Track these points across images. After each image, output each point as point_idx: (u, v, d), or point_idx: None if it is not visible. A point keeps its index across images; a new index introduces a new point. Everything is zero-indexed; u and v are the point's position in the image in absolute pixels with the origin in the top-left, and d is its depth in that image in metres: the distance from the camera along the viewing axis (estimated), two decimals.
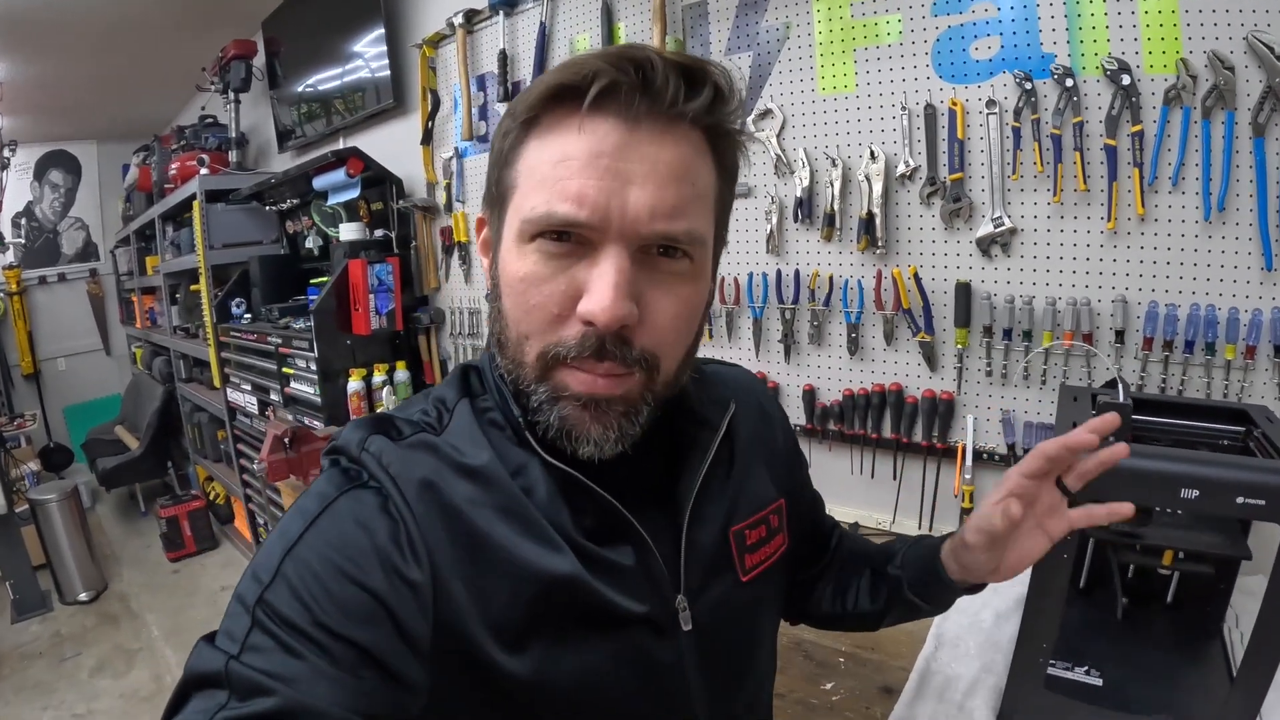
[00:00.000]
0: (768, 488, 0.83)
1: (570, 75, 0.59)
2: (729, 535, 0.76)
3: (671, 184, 0.60)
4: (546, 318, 0.62)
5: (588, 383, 0.62)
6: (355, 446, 0.67)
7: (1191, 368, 1.47)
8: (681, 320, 0.65)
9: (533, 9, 2.48)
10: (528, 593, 0.63)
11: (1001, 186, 1.61)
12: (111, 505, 5.64)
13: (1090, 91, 1.50)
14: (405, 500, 0.63)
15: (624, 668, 0.68)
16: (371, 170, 3.10)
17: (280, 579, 0.58)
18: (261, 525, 4.00)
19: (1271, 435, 1.04)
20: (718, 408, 0.79)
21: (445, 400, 0.72)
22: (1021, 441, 1.66)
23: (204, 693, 0.54)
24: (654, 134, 0.60)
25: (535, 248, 0.61)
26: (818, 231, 1.88)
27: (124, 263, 5.87)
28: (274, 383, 3.36)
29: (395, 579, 0.59)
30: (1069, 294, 1.57)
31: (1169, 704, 1.06)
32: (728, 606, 0.76)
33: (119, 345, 6.78)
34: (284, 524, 0.62)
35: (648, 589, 0.69)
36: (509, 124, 0.65)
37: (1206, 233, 1.43)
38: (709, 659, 0.74)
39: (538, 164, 0.62)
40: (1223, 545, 1.07)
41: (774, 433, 0.90)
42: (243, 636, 0.55)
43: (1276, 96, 1.32)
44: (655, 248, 0.61)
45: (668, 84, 0.58)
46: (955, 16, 1.63)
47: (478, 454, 0.66)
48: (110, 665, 3.45)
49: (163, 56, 4.35)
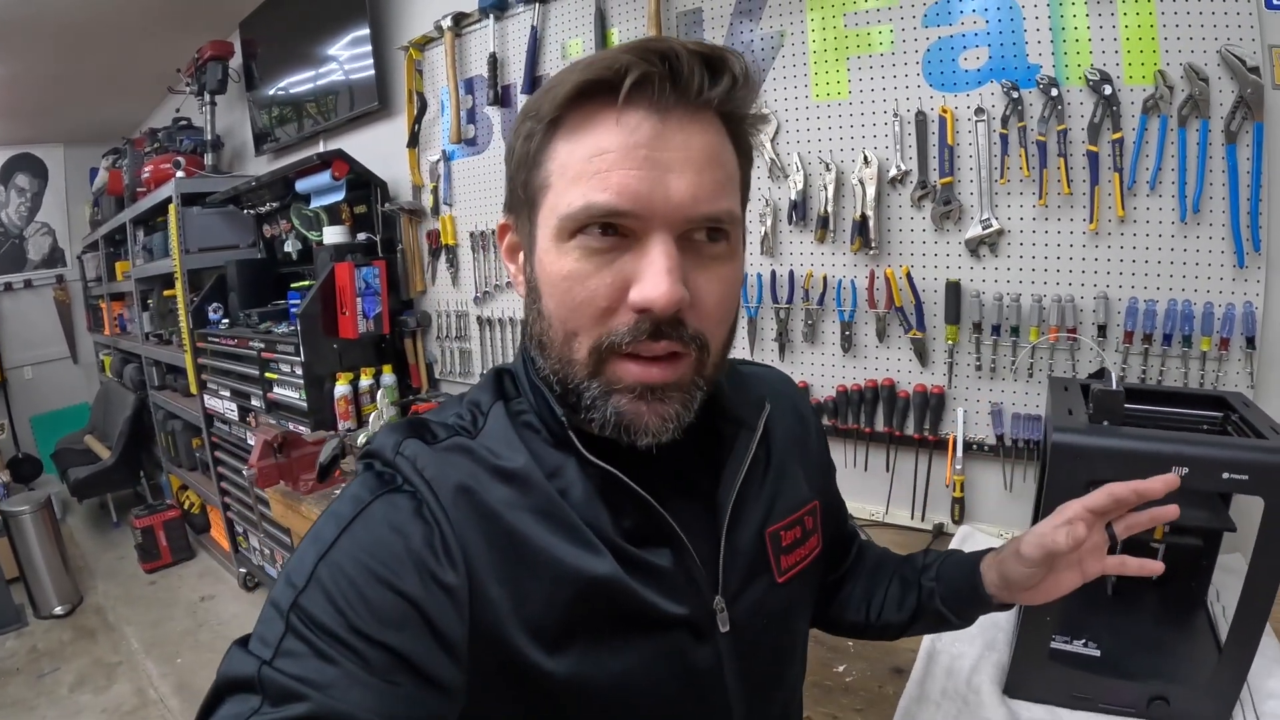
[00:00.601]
0: (803, 489, 0.83)
1: (600, 71, 0.59)
2: (765, 536, 0.76)
3: (707, 169, 0.61)
4: (595, 312, 0.61)
5: (642, 372, 0.62)
6: (390, 450, 0.67)
7: (1170, 359, 1.54)
8: (727, 301, 0.66)
9: (524, 13, 2.50)
10: (566, 594, 0.63)
11: (990, 190, 1.68)
12: (82, 517, 5.51)
13: (1073, 100, 1.57)
14: (440, 504, 0.63)
15: (662, 670, 0.68)
16: (355, 173, 3.08)
17: (314, 584, 0.57)
18: (240, 534, 3.95)
19: (1248, 418, 1.10)
20: (754, 408, 0.79)
21: (480, 404, 0.73)
22: (1010, 432, 1.73)
23: (237, 697, 0.53)
24: (684, 122, 0.61)
25: (576, 244, 0.61)
26: (812, 233, 1.93)
27: (92, 268, 5.76)
28: (256, 388, 3.33)
29: (430, 583, 0.59)
30: (1054, 291, 1.64)
31: (1162, 671, 1.12)
32: (764, 608, 0.76)
33: (86, 353, 6.63)
34: (318, 528, 0.62)
35: (687, 591, 0.69)
36: (531, 125, 0.65)
37: (1182, 233, 1.51)
38: (746, 661, 0.74)
39: (570, 161, 0.62)
40: (1208, 519, 1.14)
41: (808, 434, 0.90)
42: (276, 641, 0.55)
43: (1248, 106, 1.40)
44: (697, 232, 0.62)
45: (694, 74, 0.59)
46: (945, 28, 1.70)
47: (514, 456, 0.66)
48: (90, 680, 3.39)
49: (135, 58, 4.29)
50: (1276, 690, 1.13)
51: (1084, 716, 1.14)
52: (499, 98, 2.62)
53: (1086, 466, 1.02)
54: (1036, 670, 1.16)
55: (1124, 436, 1.03)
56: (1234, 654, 1.05)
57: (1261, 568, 0.99)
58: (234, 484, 3.82)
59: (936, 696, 1.22)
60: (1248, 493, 0.97)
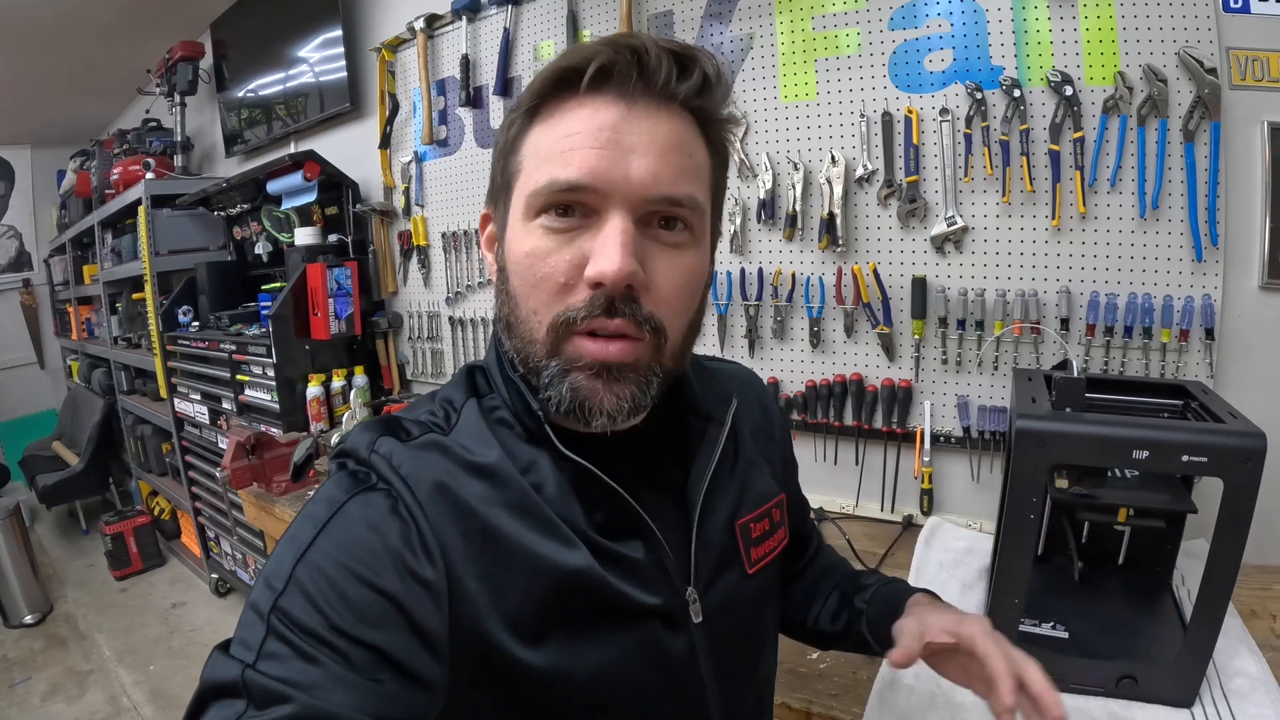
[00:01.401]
0: (769, 482, 0.85)
1: (570, 60, 0.62)
2: (735, 528, 0.78)
3: (670, 153, 0.63)
4: (554, 288, 0.63)
5: (598, 350, 0.63)
6: (364, 448, 0.67)
7: (1131, 350, 1.58)
8: (685, 290, 0.66)
9: (496, 14, 2.51)
10: (543, 587, 0.63)
11: (954, 188, 1.71)
12: (51, 524, 5.42)
13: (1036, 101, 1.61)
14: (417, 500, 0.63)
15: (638, 660, 0.69)
16: (327, 174, 3.07)
17: (294, 585, 0.57)
18: (212, 539, 3.91)
19: (1208, 404, 1.13)
20: (721, 402, 0.80)
21: (452, 401, 0.73)
22: (976, 424, 1.76)
23: (221, 702, 0.53)
24: (650, 110, 0.63)
25: (540, 223, 0.63)
26: (780, 231, 1.95)
27: (59, 272, 5.67)
28: (227, 391, 3.30)
29: (409, 579, 0.60)
30: (1017, 286, 1.68)
31: (1130, 652, 1.15)
32: (736, 599, 0.77)
33: (53, 358, 6.50)
34: (294, 530, 0.62)
35: (660, 581, 0.70)
36: (512, 116, 0.68)
37: (1142, 229, 1.54)
38: (720, 651, 0.75)
39: (542, 144, 0.64)
40: (1170, 502, 1.16)
41: (773, 429, 0.92)
42: (258, 644, 0.55)
43: (1205, 106, 1.44)
44: (656, 219, 0.64)
45: (660, 66, 0.62)
46: (910, 31, 1.72)
47: (487, 452, 0.67)
48: (62, 689, 3.32)
49: (104, 58, 4.24)
50: (1243, 668, 1.16)
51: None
52: (471, 99, 2.62)
53: (1049, 452, 1.05)
54: None
55: (1085, 421, 1.05)
56: (1199, 633, 1.07)
57: (1222, 547, 1.01)
58: (205, 489, 3.78)
59: (910, 681, 1.23)
60: (1207, 474, 1.00)
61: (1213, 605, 1.05)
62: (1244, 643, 1.23)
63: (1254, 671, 1.16)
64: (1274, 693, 1.11)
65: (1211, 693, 1.12)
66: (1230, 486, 0.99)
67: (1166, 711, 1.11)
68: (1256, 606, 1.37)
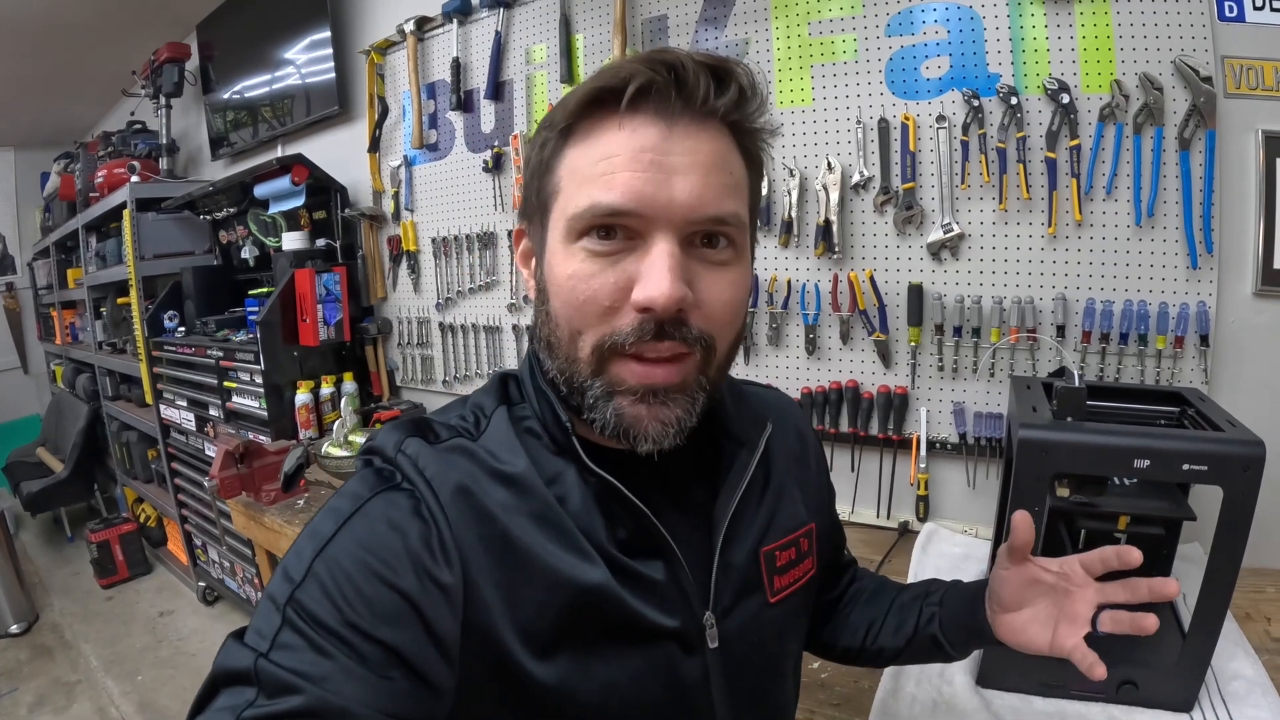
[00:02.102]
0: (800, 510, 0.83)
1: (607, 80, 0.61)
2: (760, 555, 0.77)
3: (713, 173, 0.63)
4: (598, 310, 0.62)
5: (644, 374, 0.63)
6: (391, 448, 0.67)
7: (1126, 357, 1.59)
8: (733, 304, 0.66)
9: (487, 18, 2.49)
10: (558, 601, 0.63)
11: (951, 195, 1.71)
12: (36, 531, 5.34)
13: (1032, 109, 1.61)
14: (439, 503, 0.63)
15: (650, 681, 0.68)
16: (315, 178, 3.03)
17: (311, 578, 0.58)
18: (199, 547, 3.86)
19: (1204, 412, 1.14)
20: (755, 428, 0.80)
21: (483, 407, 0.73)
22: (972, 431, 1.76)
23: (232, 689, 0.54)
24: (690, 129, 0.62)
25: (582, 245, 0.63)
26: (776, 238, 1.95)
27: (43, 276, 5.60)
28: (214, 397, 3.27)
29: (426, 581, 0.60)
30: (1014, 293, 1.68)
31: (1130, 657, 1.15)
32: (755, 626, 0.76)
33: (37, 363, 6.42)
34: (316, 523, 0.63)
35: (677, 603, 0.69)
36: (546, 134, 0.67)
37: (1138, 236, 1.55)
38: (734, 678, 0.74)
39: (580, 165, 0.64)
40: (1169, 509, 1.17)
41: (808, 456, 0.91)
42: (273, 634, 0.55)
43: (1200, 114, 1.45)
44: (699, 237, 0.63)
45: (699, 83, 0.61)
46: (907, 38, 1.72)
47: (514, 461, 0.67)
48: (49, 700, 3.27)
49: (89, 59, 4.20)
50: (1240, 671, 1.17)
51: (1056, 703, 1.17)
52: (461, 103, 2.60)
53: (1051, 460, 1.05)
54: (1008, 660, 1.18)
55: (1087, 431, 1.05)
56: (1198, 638, 1.08)
57: (1221, 553, 1.02)
58: (192, 496, 3.74)
59: (911, 689, 1.23)
60: (1207, 483, 1.01)
61: (1212, 611, 1.06)
62: (1240, 645, 1.24)
63: (1250, 674, 1.17)
64: (1270, 695, 1.13)
65: (1210, 696, 1.14)
66: (1229, 494, 0.99)
67: (1166, 716, 1.12)
68: (1251, 609, 1.38)
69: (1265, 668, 1.19)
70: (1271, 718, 1.08)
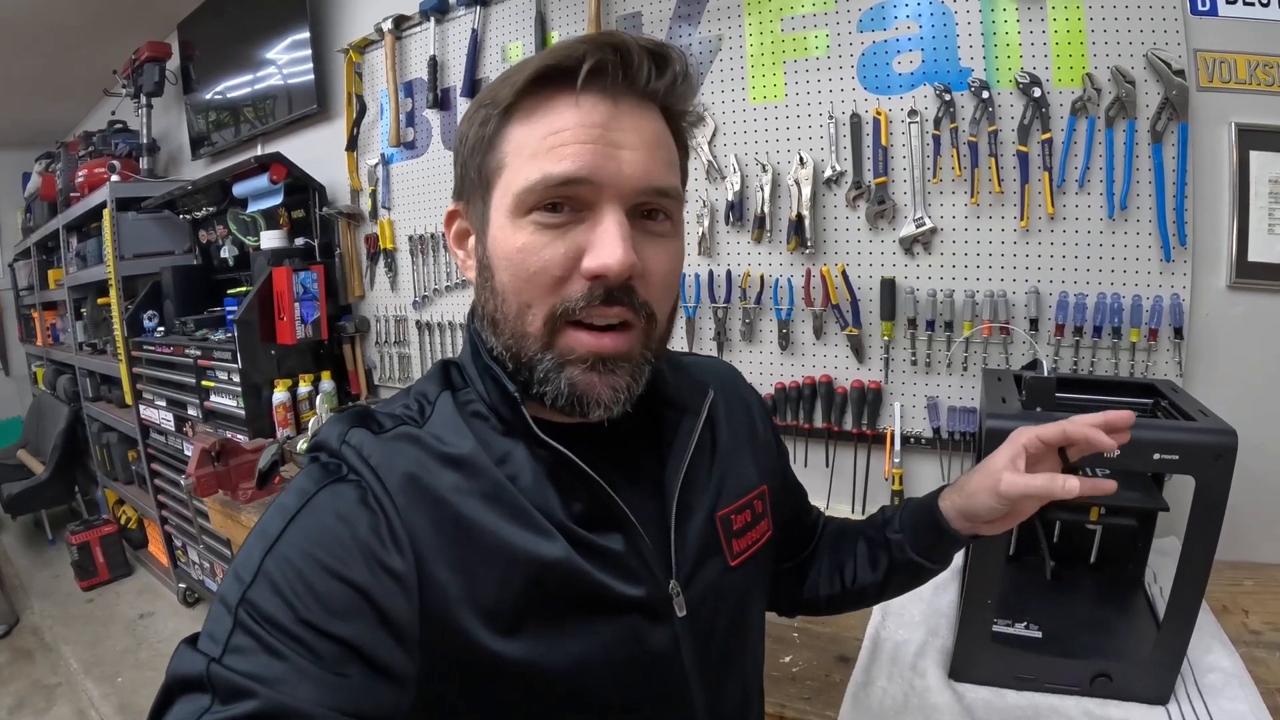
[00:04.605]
0: (751, 473, 0.85)
1: (559, 58, 0.62)
2: (716, 520, 0.78)
3: (656, 149, 0.66)
4: (549, 281, 0.64)
5: (594, 342, 0.64)
6: (335, 440, 0.67)
7: (1100, 350, 1.59)
8: (671, 276, 0.69)
9: (464, 16, 2.48)
10: (518, 578, 0.63)
11: (923, 189, 1.71)
12: (16, 534, 5.28)
13: (1004, 103, 1.61)
14: (387, 491, 0.63)
15: (620, 653, 0.68)
16: (294, 177, 3.02)
17: (262, 577, 0.57)
18: (179, 548, 3.83)
19: (1178, 403, 1.14)
20: (697, 395, 0.81)
21: (426, 394, 0.73)
22: (946, 425, 1.76)
23: (187, 696, 0.53)
24: (633, 109, 0.65)
25: (530, 220, 0.64)
26: (748, 233, 1.94)
27: (24, 277, 5.56)
28: (193, 397, 3.24)
29: (377, 569, 0.59)
30: (986, 287, 1.67)
31: (1104, 650, 1.15)
32: (719, 592, 0.77)
33: (18, 365, 6.37)
34: (264, 522, 0.62)
35: (641, 574, 0.70)
36: (487, 112, 0.67)
37: (1110, 229, 1.55)
38: (704, 644, 0.75)
39: (527, 141, 0.64)
40: (1142, 500, 1.17)
41: (754, 419, 0.92)
42: (225, 638, 0.55)
43: (1173, 107, 1.45)
44: (641, 211, 0.65)
45: (643, 66, 0.64)
46: (879, 33, 1.72)
47: (460, 443, 0.67)
48: (29, 703, 3.23)
49: (70, 59, 4.16)
50: (1216, 664, 1.17)
51: (1029, 696, 1.16)
52: (439, 101, 2.59)
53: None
54: (980, 653, 1.18)
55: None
56: (1173, 629, 1.08)
57: (1195, 543, 1.02)
58: (172, 497, 3.71)
59: (883, 682, 1.23)
60: (1179, 472, 1.01)
61: (1186, 602, 1.06)
62: (1216, 638, 1.24)
63: (1227, 666, 1.17)
64: (1248, 686, 1.12)
65: (1186, 689, 1.13)
66: (1202, 483, 0.99)
67: (1142, 709, 1.12)
68: (1228, 602, 1.38)
69: (1243, 660, 1.18)
70: (1249, 709, 1.08)
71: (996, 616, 1.19)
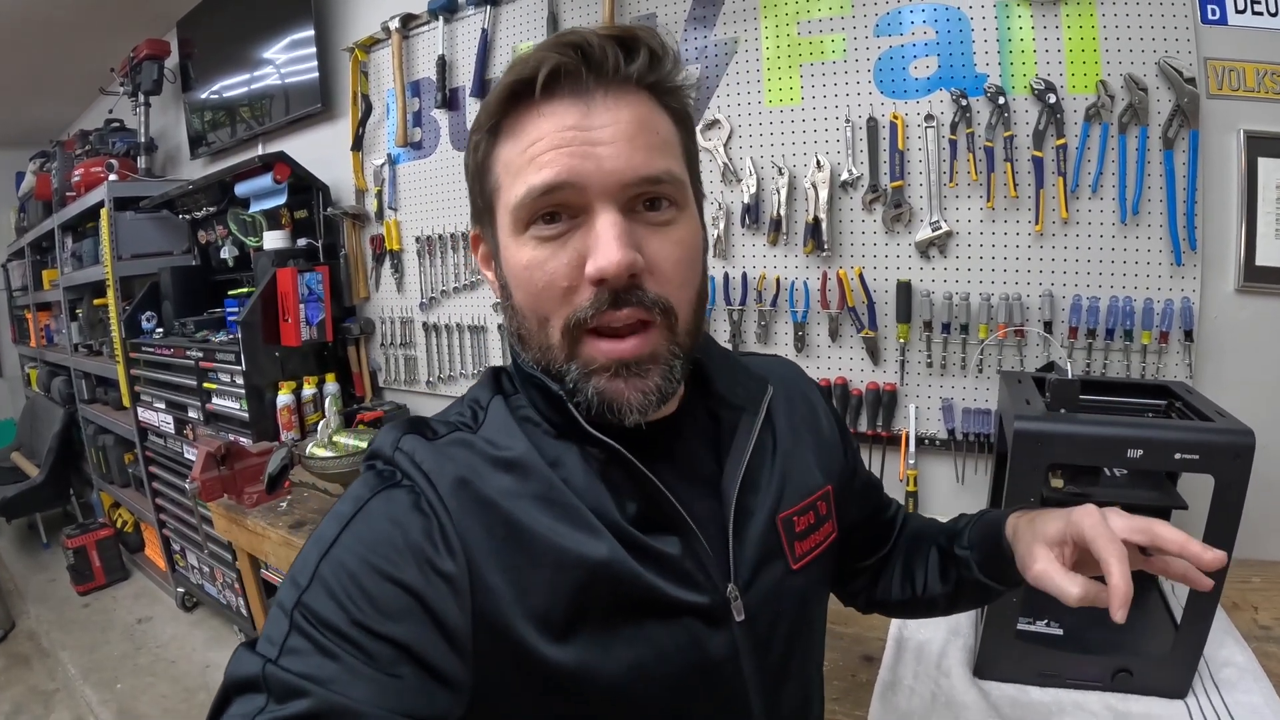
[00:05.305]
0: (814, 474, 0.82)
1: (519, 72, 0.63)
2: (777, 523, 0.76)
3: (638, 136, 0.63)
4: (558, 292, 0.63)
5: (611, 349, 0.64)
6: (389, 447, 0.68)
7: (1112, 352, 1.62)
8: (685, 262, 0.67)
9: (474, 15, 2.48)
10: (569, 581, 0.63)
11: (939, 194, 1.73)
12: (11, 538, 5.23)
13: (1019, 109, 1.63)
14: (439, 495, 0.63)
15: (676, 658, 0.67)
16: (297, 176, 3.00)
17: (317, 581, 0.59)
18: (177, 552, 3.80)
19: (1192, 403, 1.16)
20: (755, 393, 0.80)
21: (479, 400, 0.74)
22: (961, 427, 1.78)
23: (244, 697, 0.55)
24: (608, 102, 0.63)
25: (530, 235, 0.64)
26: (764, 236, 1.96)
27: (17, 277, 5.50)
28: (194, 399, 3.22)
29: (430, 573, 0.60)
30: (1001, 290, 1.70)
31: (1123, 646, 1.17)
32: (780, 596, 0.75)
33: (11, 366, 6.32)
34: (320, 529, 0.64)
35: (698, 578, 0.68)
36: (477, 138, 0.68)
37: (1123, 234, 1.57)
38: (764, 650, 0.73)
39: (511, 158, 0.65)
40: (1160, 498, 1.19)
41: (818, 418, 0.89)
42: (281, 640, 0.56)
43: (1184, 114, 1.48)
44: (640, 202, 0.64)
45: (606, 55, 0.62)
46: (895, 38, 1.74)
47: (513, 445, 0.67)
48: (27, 709, 3.20)
49: (66, 56, 4.13)
50: (1230, 658, 1.20)
51: (1052, 693, 1.18)
52: (447, 101, 2.59)
53: (1046, 452, 1.07)
54: (1004, 651, 1.20)
55: (1081, 422, 1.07)
56: (1191, 625, 1.10)
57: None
58: (170, 500, 3.68)
59: (910, 681, 1.25)
60: (1199, 471, 1.03)
61: (1204, 600, 1.08)
62: (1230, 634, 1.27)
63: (1241, 661, 1.20)
64: (1262, 680, 1.15)
65: (1203, 683, 1.16)
66: (1221, 482, 1.01)
67: (1161, 703, 1.14)
68: (1239, 599, 1.41)
69: (1255, 654, 1.21)
70: (1263, 702, 1.11)
71: (1020, 614, 1.20)
